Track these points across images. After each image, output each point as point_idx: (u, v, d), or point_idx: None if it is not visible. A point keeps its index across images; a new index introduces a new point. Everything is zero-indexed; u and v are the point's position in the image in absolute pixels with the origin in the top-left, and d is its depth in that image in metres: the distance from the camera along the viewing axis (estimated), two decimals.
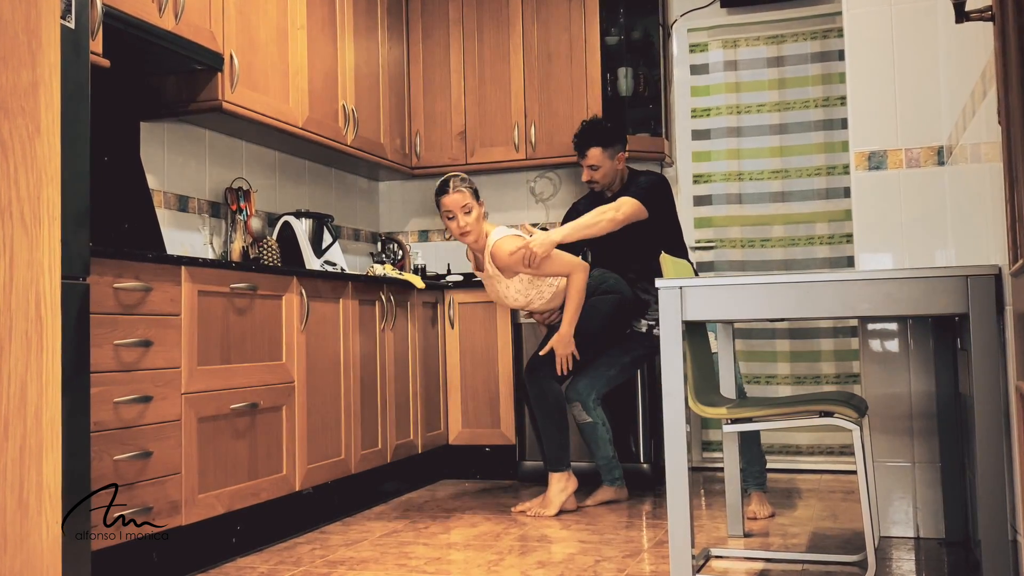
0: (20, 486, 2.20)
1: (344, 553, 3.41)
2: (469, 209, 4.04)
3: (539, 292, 4.15)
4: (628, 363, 4.31)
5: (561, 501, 4.05)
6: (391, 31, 5.31)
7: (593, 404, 4.22)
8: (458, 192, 4.03)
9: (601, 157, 4.33)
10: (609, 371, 4.27)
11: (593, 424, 4.23)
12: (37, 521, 2.25)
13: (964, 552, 3.23)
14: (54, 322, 2.27)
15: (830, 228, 5.12)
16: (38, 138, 2.29)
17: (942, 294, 2.54)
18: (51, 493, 2.28)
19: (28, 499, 2.23)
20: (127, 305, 2.88)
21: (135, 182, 3.76)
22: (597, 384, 4.25)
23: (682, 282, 2.82)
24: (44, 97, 2.30)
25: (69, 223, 2.33)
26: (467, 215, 4.04)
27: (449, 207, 4.04)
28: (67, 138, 2.31)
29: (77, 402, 2.37)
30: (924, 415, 3.46)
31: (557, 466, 4.09)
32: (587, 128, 4.39)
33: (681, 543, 2.76)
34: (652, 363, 4.61)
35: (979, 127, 2.67)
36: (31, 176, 2.27)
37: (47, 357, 2.26)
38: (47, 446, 2.26)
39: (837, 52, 5.06)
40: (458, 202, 4.03)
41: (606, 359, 4.27)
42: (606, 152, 4.33)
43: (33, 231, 2.27)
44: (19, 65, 2.26)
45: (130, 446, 2.86)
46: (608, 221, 4.12)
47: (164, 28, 3.49)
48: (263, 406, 3.52)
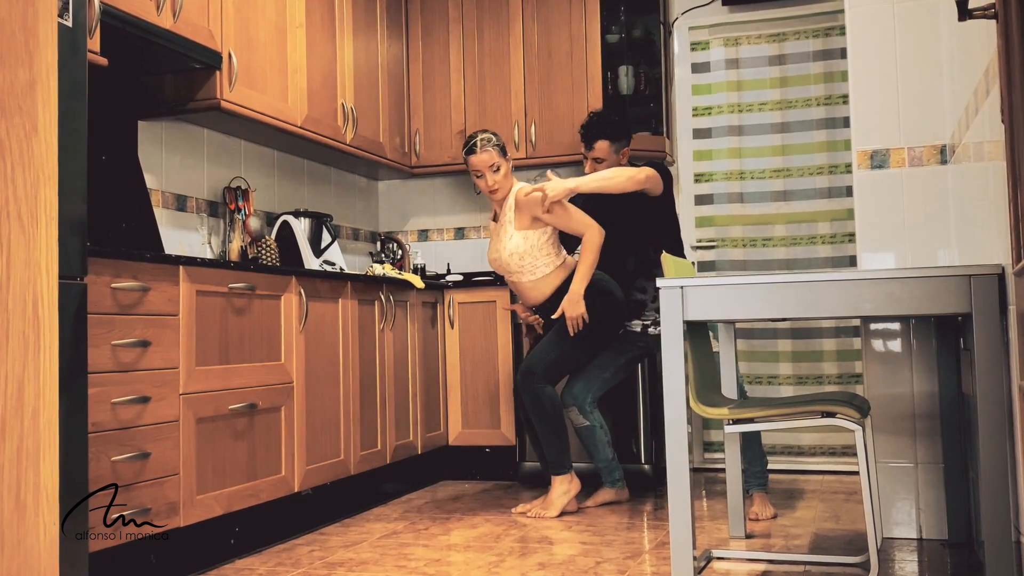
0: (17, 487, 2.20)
1: (343, 555, 3.40)
2: (497, 167, 4.12)
3: (532, 263, 4.11)
4: (623, 364, 4.29)
5: (563, 504, 4.04)
6: (391, 29, 5.29)
7: (590, 407, 4.21)
8: (485, 152, 4.11)
9: (608, 150, 4.31)
10: (604, 373, 4.25)
11: (591, 427, 4.21)
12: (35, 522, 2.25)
13: (967, 553, 3.21)
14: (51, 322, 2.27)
15: (832, 227, 5.10)
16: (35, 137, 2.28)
17: (945, 294, 2.53)
18: (48, 494, 2.28)
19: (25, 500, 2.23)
20: (125, 305, 2.87)
21: (133, 181, 3.74)
22: (592, 387, 4.23)
23: (683, 282, 2.81)
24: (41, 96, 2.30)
25: (66, 223, 2.32)
26: (495, 173, 4.13)
27: (477, 166, 4.13)
28: (64, 137, 2.30)
29: (75, 403, 2.36)
30: (927, 415, 3.45)
31: (559, 469, 4.07)
32: (596, 120, 4.37)
33: (682, 544, 2.75)
34: (653, 363, 4.59)
35: (982, 125, 2.66)
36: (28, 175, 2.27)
37: (44, 357, 2.26)
38: (44, 447, 2.25)
39: (839, 50, 5.05)
40: (486, 161, 4.11)
41: (600, 361, 4.25)
42: (613, 146, 4.32)
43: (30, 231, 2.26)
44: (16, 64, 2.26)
45: (128, 447, 2.85)
46: (627, 179, 4.05)
47: (162, 26, 3.48)
48: (262, 407, 3.50)
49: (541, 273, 4.14)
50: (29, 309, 2.24)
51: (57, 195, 2.27)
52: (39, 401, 2.24)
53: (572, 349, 4.13)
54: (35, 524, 2.24)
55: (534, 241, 4.09)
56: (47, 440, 2.26)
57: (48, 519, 2.27)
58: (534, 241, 4.09)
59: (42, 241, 2.27)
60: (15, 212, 2.23)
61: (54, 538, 2.27)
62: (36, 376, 2.24)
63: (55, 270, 2.27)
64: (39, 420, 2.25)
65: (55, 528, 2.27)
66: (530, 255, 4.11)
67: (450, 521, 3.97)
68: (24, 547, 2.21)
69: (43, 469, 2.26)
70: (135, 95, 3.86)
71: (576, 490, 4.09)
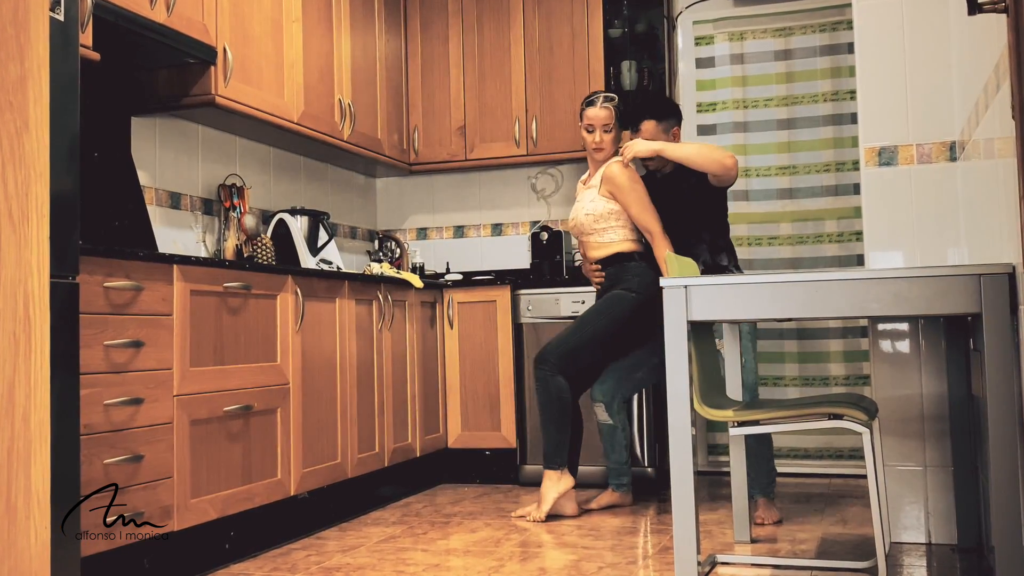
0: (8, 490, 2.21)
1: (340, 559, 3.37)
2: (609, 128, 4.16)
3: (604, 227, 4.13)
4: (657, 364, 4.15)
5: (552, 499, 3.98)
6: (389, 23, 5.26)
7: (617, 408, 4.16)
8: (604, 109, 4.17)
9: (655, 131, 4.14)
10: (636, 373, 4.19)
11: (613, 427, 4.16)
12: (25, 526, 2.26)
13: (977, 559, 3.18)
14: (42, 322, 2.29)
15: (839, 226, 5.05)
16: (26, 133, 2.31)
17: (954, 293, 2.53)
18: (40, 498, 2.30)
19: (16, 504, 2.25)
20: (118, 305, 2.84)
21: (126, 178, 3.72)
22: (624, 387, 4.18)
23: (687, 281, 2.80)
24: (33, 91, 2.33)
25: (58, 220, 2.31)
26: (606, 133, 4.16)
27: (591, 120, 4.18)
28: (56, 133, 2.33)
29: (66, 404, 2.35)
30: (936, 418, 3.42)
31: (550, 463, 4.03)
32: (638, 100, 4.29)
33: (687, 549, 2.73)
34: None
35: (992, 122, 2.65)
36: (19, 172, 2.29)
37: (35, 358, 2.28)
38: (35, 450, 2.27)
39: (847, 45, 4.99)
40: (602, 118, 4.16)
41: (633, 360, 4.18)
42: (660, 125, 4.15)
43: (21, 229, 2.30)
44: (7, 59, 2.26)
45: (121, 449, 2.83)
46: (714, 160, 3.89)
47: (156, 20, 3.46)
48: (257, 408, 3.47)
49: (608, 239, 4.15)
50: (20, 309, 2.26)
51: (48, 192, 2.33)
52: (30, 403, 2.27)
53: (590, 339, 4.07)
54: (26, 528, 2.26)
55: (612, 208, 4.12)
56: (38, 443, 2.29)
57: (39, 522, 2.27)
58: (612, 208, 4.12)
59: (33, 239, 2.31)
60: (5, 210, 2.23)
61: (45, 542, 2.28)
62: (27, 377, 2.27)
63: (46, 269, 2.31)
64: (30, 422, 2.28)
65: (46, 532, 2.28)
66: (604, 220, 4.13)
67: (449, 525, 3.94)
68: (15, 551, 2.22)
69: (34, 472, 2.28)
70: (128, 90, 3.84)
71: (567, 487, 4.02)
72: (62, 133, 2.35)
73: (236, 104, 3.91)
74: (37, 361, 2.26)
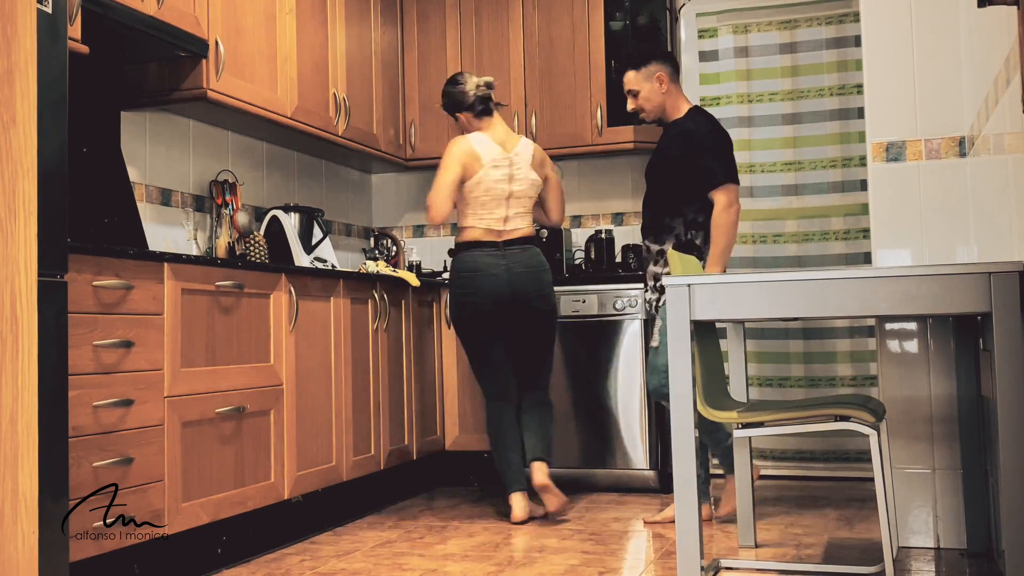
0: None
1: (335, 564, 3.35)
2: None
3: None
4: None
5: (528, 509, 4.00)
6: (384, 16, 5.23)
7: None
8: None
9: (636, 79, 4.05)
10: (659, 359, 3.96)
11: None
12: (12, 531, 2.30)
13: (987, 563, 3.16)
14: (30, 322, 2.29)
15: (846, 223, 5.02)
16: (13, 128, 2.34)
17: (963, 292, 2.50)
18: (27, 502, 2.30)
19: (3, 508, 2.27)
20: (107, 304, 2.82)
21: (115, 175, 3.71)
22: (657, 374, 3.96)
23: (691, 280, 2.78)
24: (20, 86, 2.33)
25: (46, 218, 2.30)
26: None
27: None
28: (44, 128, 2.33)
29: (54, 406, 2.33)
30: (945, 419, 3.40)
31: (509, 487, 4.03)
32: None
33: (690, 554, 2.71)
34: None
35: (1002, 116, 2.65)
36: (6, 168, 2.31)
37: (23, 359, 2.28)
38: (23, 453, 2.27)
39: (854, 37, 4.97)
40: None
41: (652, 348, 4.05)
42: (640, 73, 4.05)
43: (8, 226, 2.29)
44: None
45: (110, 452, 2.80)
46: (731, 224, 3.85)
47: (146, 13, 3.43)
48: (250, 410, 3.44)
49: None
50: (7, 308, 2.28)
51: (36, 189, 2.34)
52: (17, 404, 2.26)
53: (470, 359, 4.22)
54: (13, 532, 2.28)
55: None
56: (26, 445, 2.27)
57: (27, 527, 2.29)
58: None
59: (20, 237, 2.31)
60: None
61: (33, 546, 2.30)
62: (14, 378, 2.26)
63: (34, 267, 2.31)
64: (17, 424, 2.28)
65: (34, 536, 2.29)
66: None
67: (447, 529, 3.91)
68: (2, 556, 2.26)
69: (21, 476, 2.30)
70: (118, 84, 3.82)
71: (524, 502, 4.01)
72: (50, 128, 2.34)
73: (228, 98, 3.88)
74: (25, 362, 2.26)
